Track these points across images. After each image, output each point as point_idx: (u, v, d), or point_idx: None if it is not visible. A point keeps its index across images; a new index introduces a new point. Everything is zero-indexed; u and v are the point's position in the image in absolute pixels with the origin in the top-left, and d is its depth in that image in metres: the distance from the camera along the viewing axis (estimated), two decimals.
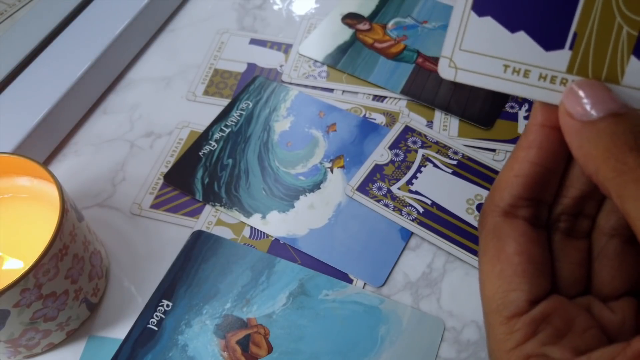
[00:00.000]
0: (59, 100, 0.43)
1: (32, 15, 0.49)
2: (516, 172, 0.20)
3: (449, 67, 0.21)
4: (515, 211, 0.20)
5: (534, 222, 0.21)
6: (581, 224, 0.21)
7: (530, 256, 0.20)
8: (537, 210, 0.21)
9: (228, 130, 0.45)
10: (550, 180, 0.21)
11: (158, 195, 0.42)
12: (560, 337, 0.19)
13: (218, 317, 0.36)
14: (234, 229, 0.40)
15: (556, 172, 0.21)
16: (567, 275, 0.21)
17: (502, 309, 0.19)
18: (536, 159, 0.20)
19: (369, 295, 0.37)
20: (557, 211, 0.21)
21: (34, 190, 0.36)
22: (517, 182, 0.20)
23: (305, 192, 0.41)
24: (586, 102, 0.18)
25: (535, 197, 0.20)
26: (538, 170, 0.20)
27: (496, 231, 0.20)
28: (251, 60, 0.50)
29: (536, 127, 0.20)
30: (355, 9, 0.52)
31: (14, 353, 0.34)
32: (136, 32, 0.50)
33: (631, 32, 0.19)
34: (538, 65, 0.20)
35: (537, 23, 0.20)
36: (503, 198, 0.20)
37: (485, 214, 0.21)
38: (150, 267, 0.39)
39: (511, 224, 0.20)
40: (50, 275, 0.31)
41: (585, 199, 0.21)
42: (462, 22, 0.20)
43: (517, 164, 0.20)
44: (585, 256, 0.21)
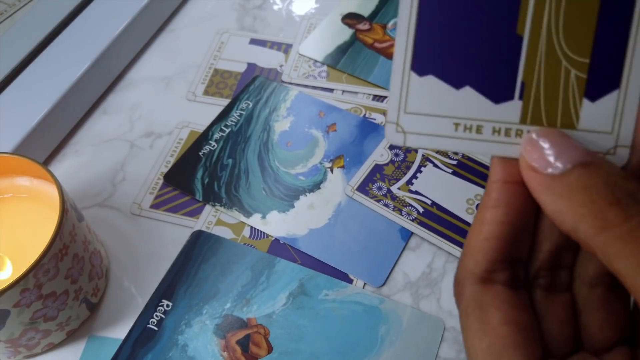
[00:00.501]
0: (59, 100, 0.43)
1: (32, 15, 0.49)
2: (486, 235, 0.19)
3: (396, 132, 0.20)
4: (493, 276, 0.19)
5: (513, 284, 0.19)
6: (560, 276, 0.20)
7: (517, 324, 0.19)
8: (514, 271, 0.20)
9: (228, 130, 0.45)
10: (523, 237, 0.20)
11: (158, 195, 0.42)
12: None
13: (218, 317, 0.36)
14: (234, 229, 0.40)
15: (527, 228, 0.20)
16: (556, 336, 0.20)
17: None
18: (505, 217, 0.19)
19: (369, 295, 0.37)
20: (535, 268, 0.20)
21: (34, 190, 0.36)
22: (489, 246, 0.19)
23: (305, 192, 0.41)
24: (549, 153, 0.17)
25: (510, 257, 0.19)
26: (509, 230, 0.19)
27: (476, 301, 0.19)
28: (251, 60, 0.50)
29: (498, 184, 0.19)
30: (355, 9, 0.52)
31: (14, 353, 0.34)
32: (136, 32, 0.50)
33: (580, 75, 0.18)
34: (490, 119, 0.19)
35: (482, 76, 0.19)
36: (478, 264, 0.19)
37: (461, 283, 0.20)
38: (150, 267, 0.39)
39: (491, 291, 0.19)
40: (50, 275, 0.31)
41: (560, 251, 0.20)
42: (404, 84, 0.19)
43: (486, 226, 0.19)
44: (570, 311, 0.20)
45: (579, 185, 0.17)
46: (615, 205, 0.16)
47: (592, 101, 0.19)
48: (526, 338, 0.19)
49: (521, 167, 0.18)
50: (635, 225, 0.15)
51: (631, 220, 0.16)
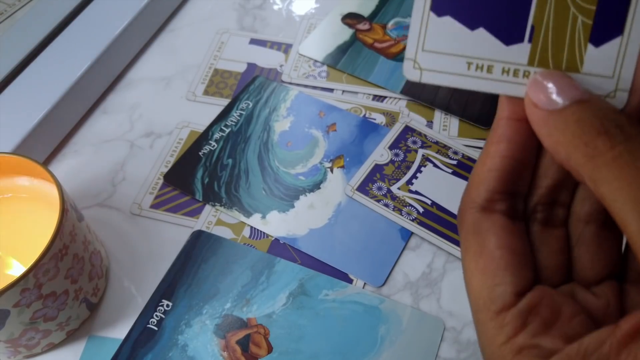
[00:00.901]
0: (58, 100, 0.43)
1: (32, 15, 0.49)
2: (489, 167, 0.20)
3: (413, 69, 0.21)
4: (493, 205, 0.20)
5: (512, 214, 0.21)
6: (557, 212, 0.21)
7: (511, 249, 0.20)
8: (513, 203, 0.21)
9: (228, 130, 0.45)
10: (523, 172, 0.21)
11: (158, 195, 0.42)
12: (549, 327, 0.19)
13: (218, 317, 0.36)
14: (234, 229, 0.40)
15: (528, 164, 0.21)
16: (548, 265, 0.21)
17: (490, 304, 0.20)
18: (507, 152, 0.20)
19: (369, 295, 0.37)
20: (533, 202, 0.21)
21: (34, 190, 0.36)
22: (491, 177, 0.20)
23: (305, 192, 0.41)
24: (550, 92, 0.19)
25: (510, 190, 0.21)
26: (510, 163, 0.20)
27: (476, 227, 0.21)
28: (251, 60, 0.50)
29: (504, 121, 0.20)
30: (355, 9, 0.52)
31: (14, 353, 0.34)
32: (136, 32, 0.50)
33: (586, 21, 0.20)
34: (500, 60, 0.20)
35: (495, 19, 0.20)
36: (479, 194, 0.21)
37: (463, 211, 0.21)
38: (150, 267, 0.39)
39: (490, 218, 0.20)
40: (50, 275, 0.31)
41: (558, 188, 0.21)
42: (423, 23, 0.21)
43: (489, 159, 0.21)
44: (564, 244, 0.21)
45: (573, 118, 0.18)
46: (604, 134, 0.17)
47: (596, 46, 0.20)
48: (518, 262, 0.20)
49: (525, 104, 0.19)
50: (619, 153, 0.17)
51: (616, 148, 0.17)
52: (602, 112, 0.18)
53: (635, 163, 0.16)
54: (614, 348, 0.17)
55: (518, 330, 0.19)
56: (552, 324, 0.19)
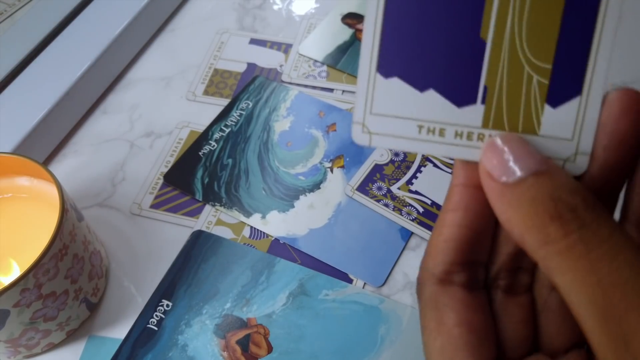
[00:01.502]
0: (58, 100, 0.43)
1: (32, 15, 0.49)
2: (445, 237, 0.19)
3: (362, 133, 0.20)
4: (451, 277, 0.19)
5: (472, 285, 0.20)
6: (521, 279, 0.20)
7: (470, 326, 0.19)
8: (473, 273, 0.20)
9: (228, 130, 0.45)
10: (482, 241, 0.20)
11: (158, 195, 0.42)
12: None
13: (218, 317, 0.36)
14: (234, 229, 0.40)
15: (486, 232, 0.20)
16: (512, 336, 0.20)
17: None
18: (463, 221, 0.19)
19: (369, 295, 0.37)
20: (495, 269, 0.20)
21: (34, 190, 0.36)
22: (447, 248, 0.19)
23: (305, 192, 0.41)
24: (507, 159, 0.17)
25: (469, 260, 0.19)
26: (467, 233, 0.19)
27: (433, 301, 0.19)
28: (251, 60, 0.50)
29: (459, 188, 0.19)
30: (355, 9, 0.52)
31: (14, 353, 0.34)
32: (136, 32, 0.50)
33: (542, 81, 0.18)
34: (452, 123, 0.19)
35: (446, 79, 0.19)
36: (436, 265, 0.19)
37: (421, 283, 0.20)
38: (150, 267, 0.39)
39: (448, 292, 0.19)
40: (50, 275, 0.31)
41: (521, 254, 0.20)
42: (370, 85, 0.19)
43: (445, 228, 0.19)
44: (529, 312, 0.20)
45: (527, 196, 0.17)
46: (557, 220, 0.16)
47: (553, 107, 0.19)
48: (479, 339, 0.19)
49: (480, 172, 0.18)
50: (572, 242, 0.16)
51: (569, 236, 0.16)
52: (557, 191, 0.16)
53: (588, 255, 0.15)
54: None
55: None
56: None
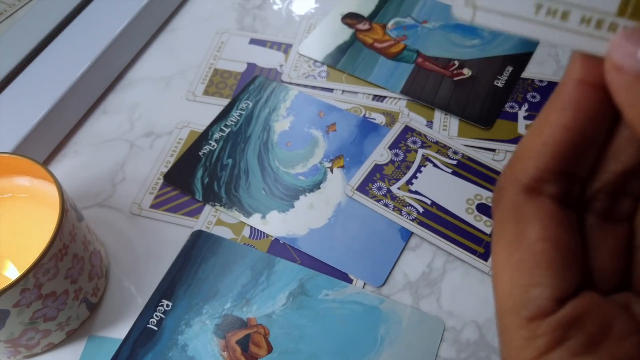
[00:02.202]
0: (58, 100, 0.43)
1: (32, 15, 0.49)
2: (545, 139, 0.16)
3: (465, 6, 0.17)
4: (541, 187, 0.17)
5: (564, 200, 0.17)
6: (622, 204, 0.17)
7: (558, 243, 0.16)
8: (568, 187, 0.17)
9: (228, 130, 0.45)
10: (588, 151, 0.17)
11: (158, 195, 0.42)
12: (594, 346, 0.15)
13: (218, 317, 0.36)
14: (234, 229, 0.40)
15: (595, 141, 0.17)
16: (602, 267, 0.17)
17: (521, 308, 0.16)
18: (572, 123, 0.16)
19: (369, 295, 0.37)
20: (594, 188, 0.17)
21: (34, 190, 0.36)
22: (545, 152, 0.16)
23: (305, 192, 0.41)
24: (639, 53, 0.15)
25: (567, 170, 0.17)
26: (573, 138, 0.16)
27: (516, 211, 0.17)
28: (251, 60, 0.50)
29: (573, 84, 0.16)
30: (355, 9, 0.52)
31: (13, 353, 0.34)
32: (136, 32, 0.50)
33: None
34: (581, 4, 0.16)
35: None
36: (527, 170, 0.17)
37: (503, 189, 0.17)
38: (150, 267, 0.39)
39: (535, 202, 0.16)
40: (50, 275, 0.31)
41: (630, 176, 0.17)
42: None
43: (548, 128, 0.16)
44: (624, 244, 0.18)
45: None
46: None
47: None
48: (565, 260, 0.16)
49: (606, 66, 0.15)
50: None
51: None
52: None
53: None
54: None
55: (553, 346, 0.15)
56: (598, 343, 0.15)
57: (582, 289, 0.16)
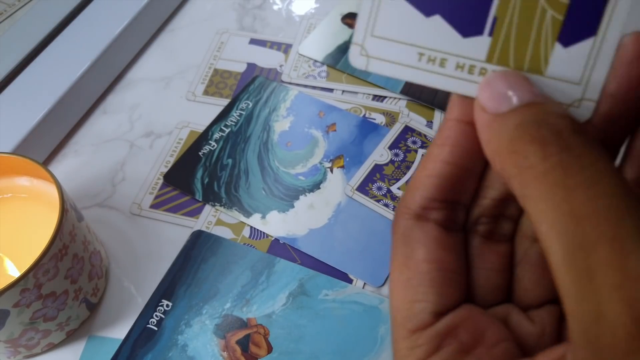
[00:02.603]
0: (58, 100, 0.43)
1: (32, 15, 0.49)
2: (428, 172, 0.18)
3: (360, 55, 0.19)
4: (427, 214, 0.18)
5: (448, 225, 0.19)
6: (502, 226, 0.19)
7: (439, 263, 0.18)
8: (451, 213, 0.19)
9: (228, 130, 0.45)
10: (467, 181, 0.19)
11: (158, 195, 0.42)
12: (466, 352, 0.17)
13: (218, 317, 0.36)
14: (234, 229, 0.40)
15: (473, 172, 0.19)
16: (484, 283, 0.19)
17: (407, 321, 0.18)
18: (450, 157, 0.18)
19: (369, 295, 0.37)
20: (476, 213, 0.19)
21: (34, 190, 0.36)
22: (429, 183, 0.18)
23: (305, 192, 0.41)
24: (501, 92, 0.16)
25: (449, 198, 0.19)
26: (452, 170, 0.18)
27: (406, 236, 0.19)
28: (251, 60, 0.50)
29: (451, 123, 0.18)
30: (355, 9, 0.52)
31: (13, 353, 0.34)
32: (136, 32, 0.50)
33: (556, 17, 0.17)
34: (455, 54, 0.18)
35: (454, 6, 0.18)
36: (415, 200, 0.19)
37: (397, 216, 0.19)
38: (150, 267, 0.39)
39: (422, 227, 0.18)
40: (50, 275, 0.31)
41: (506, 201, 0.19)
42: (374, 5, 0.18)
43: (430, 163, 0.18)
44: (506, 262, 0.19)
45: (513, 122, 0.16)
46: (538, 142, 0.15)
47: (564, 46, 0.17)
48: (446, 279, 0.18)
49: (474, 107, 0.17)
50: (550, 167, 0.14)
51: (548, 160, 0.14)
52: (544, 115, 0.15)
53: (565, 181, 0.14)
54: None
55: (430, 354, 0.17)
56: (470, 350, 0.17)
57: (462, 303, 0.18)
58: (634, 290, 0.13)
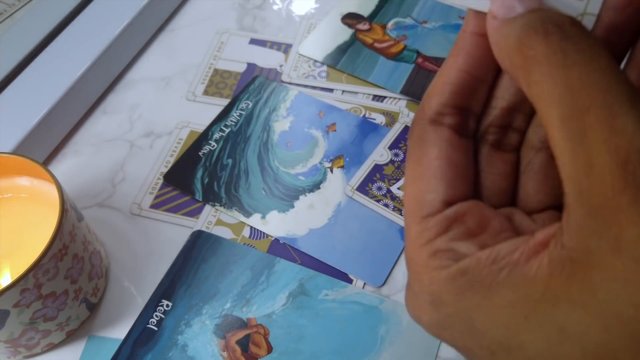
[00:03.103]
0: (58, 100, 0.43)
1: (32, 15, 0.49)
2: (444, 80, 0.20)
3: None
4: (442, 119, 0.20)
5: (460, 130, 0.20)
6: (510, 137, 0.21)
7: (450, 160, 0.20)
8: (463, 119, 0.20)
9: (228, 130, 0.45)
10: (479, 89, 0.20)
11: (158, 195, 0.42)
12: (470, 236, 0.19)
13: (218, 317, 0.36)
14: (234, 229, 0.40)
15: (485, 81, 0.20)
16: (491, 186, 0.21)
17: (418, 209, 0.20)
18: (464, 66, 0.20)
19: (369, 295, 0.37)
20: (486, 123, 0.21)
21: (33, 190, 0.36)
22: (444, 90, 0.20)
23: (305, 192, 0.42)
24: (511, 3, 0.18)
25: (462, 105, 0.20)
26: (465, 78, 0.20)
27: (421, 138, 0.20)
28: (251, 60, 0.50)
29: (466, 35, 0.20)
30: (355, 9, 0.52)
31: (13, 353, 0.34)
32: (136, 32, 0.50)
33: None
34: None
35: None
36: (430, 106, 0.20)
37: (414, 122, 0.21)
38: (150, 267, 0.39)
39: (436, 130, 0.20)
40: (50, 275, 0.31)
41: (514, 112, 0.21)
42: None
43: (446, 71, 0.20)
44: (512, 169, 0.21)
45: (520, 23, 0.17)
46: (541, 34, 0.16)
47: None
48: (455, 174, 0.20)
49: (487, 18, 0.19)
50: (552, 52, 0.16)
51: (550, 46, 0.16)
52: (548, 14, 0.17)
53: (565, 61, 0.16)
54: (524, 255, 0.17)
55: (438, 235, 0.19)
56: (475, 234, 0.19)
57: (470, 198, 0.20)
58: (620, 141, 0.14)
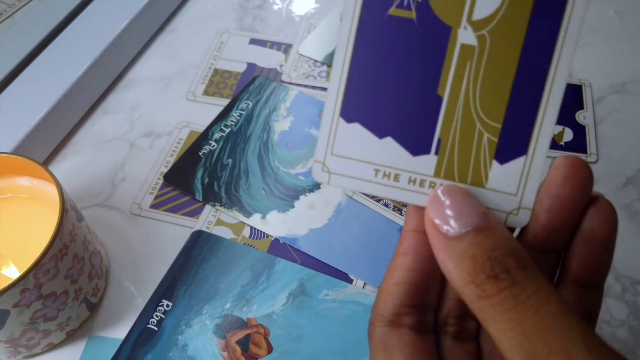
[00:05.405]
0: (58, 100, 0.43)
1: (32, 15, 0.49)
2: (396, 280, 0.20)
3: (322, 172, 0.21)
4: (401, 319, 0.20)
5: (420, 329, 0.21)
6: (468, 325, 0.21)
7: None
8: (422, 317, 0.21)
9: (228, 130, 0.45)
10: (431, 284, 0.21)
11: (158, 195, 0.42)
12: None
13: (218, 317, 0.36)
14: (234, 229, 0.40)
15: (435, 276, 0.21)
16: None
17: None
18: (413, 265, 0.20)
19: (369, 295, 0.37)
20: (444, 314, 0.21)
21: (34, 190, 0.36)
22: (397, 290, 0.20)
23: (305, 192, 0.42)
24: (449, 213, 0.19)
25: (418, 303, 0.20)
26: (417, 276, 0.20)
27: (383, 342, 0.20)
28: (251, 60, 0.50)
29: (410, 234, 0.20)
30: None
31: (13, 353, 0.34)
32: (136, 32, 0.50)
33: (491, 138, 0.20)
34: (407, 170, 0.21)
35: (403, 130, 0.20)
36: (387, 307, 0.20)
37: (372, 324, 0.21)
38: (150, 267, 0.39)
39: (396, 334, 0.20)
40: (50, 275, 0.31)
41: None
42: (332, 128, 0.21)
43: (396, 272, 0.20)
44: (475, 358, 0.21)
45: (467, 253, 0.18)
46: (492, 278, 0.17)
47: (501, 164, 0.20)
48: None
49: (425, 220, 0.19)
50: (504, 297, 0.17)
51: (502, 292, 0.17)
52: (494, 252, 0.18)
53: (517, 307, 0.17)
54: None
55: None
56: None
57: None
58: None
